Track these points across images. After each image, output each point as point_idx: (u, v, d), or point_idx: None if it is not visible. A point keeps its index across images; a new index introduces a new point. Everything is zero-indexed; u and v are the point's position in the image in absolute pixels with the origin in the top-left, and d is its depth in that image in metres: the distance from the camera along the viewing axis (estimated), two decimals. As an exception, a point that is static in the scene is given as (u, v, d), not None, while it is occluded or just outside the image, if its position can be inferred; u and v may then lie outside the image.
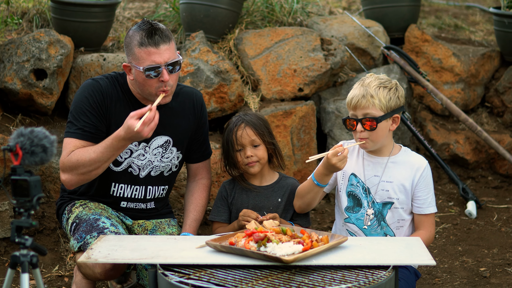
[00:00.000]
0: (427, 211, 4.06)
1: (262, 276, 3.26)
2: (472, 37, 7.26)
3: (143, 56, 3.99)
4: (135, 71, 4.04)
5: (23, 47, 5.43)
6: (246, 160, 4.29)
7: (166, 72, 4.00)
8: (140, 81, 4.04)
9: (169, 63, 4.01)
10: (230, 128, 4.34)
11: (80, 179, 4.07)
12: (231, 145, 4.30)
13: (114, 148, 3.95)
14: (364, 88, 3.96)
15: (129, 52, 4.05)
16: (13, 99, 5.53)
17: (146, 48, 3.97)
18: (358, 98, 3.95)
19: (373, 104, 3.94)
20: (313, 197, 4.12)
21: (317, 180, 4.01)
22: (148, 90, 4.06)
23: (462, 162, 6.44)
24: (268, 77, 5.94)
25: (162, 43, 3.99)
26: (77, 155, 4.00)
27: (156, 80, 4.02)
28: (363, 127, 3.95)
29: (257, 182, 4.39)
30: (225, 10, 6.00)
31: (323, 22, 6.54)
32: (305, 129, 5.83)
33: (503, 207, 6.01)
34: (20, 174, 2.95)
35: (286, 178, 4.44)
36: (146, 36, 3.97)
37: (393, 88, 3.99)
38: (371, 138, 3.98)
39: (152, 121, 3.83)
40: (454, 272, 5.06)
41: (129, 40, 4.05)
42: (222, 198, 4.41)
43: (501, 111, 6.64)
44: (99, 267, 3.89)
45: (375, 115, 3.94)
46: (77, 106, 4.12)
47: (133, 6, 7.08)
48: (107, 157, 3.98)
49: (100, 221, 4.08)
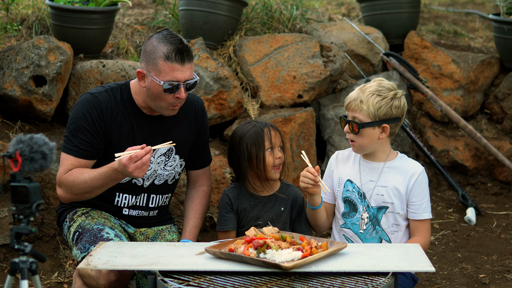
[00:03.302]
0: (422, 216, 4.07)
1: (261, 282, 3.26)
2: (472, 44, 7.27)
3: (166, 70, 3.96)
4: (151, 81, 4.00)
5: (22, 53, 5.43)
6: (276, 161, 4.27)
7: (184, 89, 4.01)
8: (156, 93, 4.01)
9: (188, 82, 4.01)
10: (256, 130, 4.28)
11: (74, 198, 4.12)
12: (262, 144, 4.26)
13: (108, 177, 3.95)
14: (359, 92, 4.01)
15: (150, 61, 3.99)
16: (12, 106, 5.53)
17: (171, 63, 3.95)
18: (350, 100, 4.02)
19: (361, 109, 3.98)
20: (315, 218, 4.19)
21: (309, 203, 4.12)
22: (160, 104, 4.06)
23: (461, 168, 6.44)
24: (268, 84, 5.95)
25: (187, 62, 3.98)
26: (73, 176, 4.03)
27: (172, 96, 4.01)
28: (349, 128, 4.02)
29: (260, 190, 4.37)
30: (225, 16, 6.01)
31: (323, 28, 6.54)
32: (305, 135, 5.83)
33: (503, 213, 6.01)
34: (20, 180, 2.95)
35: (288, 186, 4.43)
36: (175, 52, 3.94)
37: (387, 98, 3.98)
38: (357, 141, 4.04)
39: (140, 159, 3.76)
40: (454, 278, 5.06)
41: (153, 49, 3.99)
42: (226, 206, 4.36)
43: (501, 118, 6.65)
44: (104, 279, 3.88)
45: (361, 120, 3.98)
46: (74, 122, 4.11)
47: (132, 12, 7.08)
48: (100, 184, 3.99)
49: (104, 232, 4.07)
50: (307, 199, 4.11)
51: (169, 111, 4.09)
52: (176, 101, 4.04)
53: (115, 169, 3.88)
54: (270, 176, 4.30)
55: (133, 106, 4.19)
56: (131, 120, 4.16)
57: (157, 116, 4.22)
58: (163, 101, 4.04)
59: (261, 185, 4.35)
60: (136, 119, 4.18)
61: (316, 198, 4.06)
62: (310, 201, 4.09)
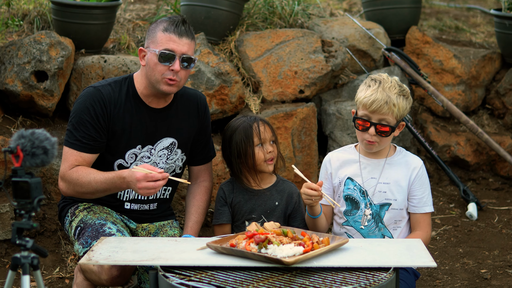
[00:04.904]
0: (423, 210, 4.06)
1: (263, 278, 3.26)
2: (473, 39, 7.26)
3: (162, 40, 4.05)
4: (149, 54, 4.08)
5: (24, 49, 5.43)
6: (268, 156, 4.27)
7: (179, 62, 4.05)
8: (151, 65, 4.07)
9: (184, 56, 4.05)
10: (245, 125, 4.29)
11: (75, 195, 4.15)
12: (251, 140, 4.28)
13: (113, 184, 3.99)
14: (385, 94, 3.89)
15: (150, 36, 4.11)
16: (14, 101, 5.53)
17: (169, 34, 4.05)
18: (381, 103, 3.88)
19: (392, 112, 3.90)
20: (316, 226, 4.09)
21: (309, 212, 4.05)
22: (155, 76, 4.08)
23: (463, 164, 6.44)
24: (269, 79, 5.94)
25: (186, 37, 4.08)
26: (78, 174, 4.05)
27: (167, 67, 4.05)
28: (376, 131, 3.93)
29: (255, 184, 4.38)
30: (226, 12, 6.01)
31: (324, 24, 6.54)
32: (306, 131, 5.83)
33: (504, 209, 6.01)
34: (21, 176, 2.95)
35: (284, 181, 4.43)
36: (174, 24, 4.07)
37: (409, 98, 3.98)
38: (381, 142, 3.97)
39: (153, 182, 3.81)
40: (455, 274, 5.06)
41: (155, 25, 4.13)
42: (220, 200, 4.39)
43: (502, 113, 6.64)
44: (106, 273, 3.88)
45: (390, 122, 3.92)
46: (76, 115, 4.13)
47: (134, 8, 7.07)
48: (104, 189, 4.03)
49: (106, 227, 4.07)
50: (307, 209, 4.06)
51: (165, 86, 4.09)
52: (170, 74, 4.06)
53: (123, 178, 3.91)
54: (263, 169, 4.31)
55: (137, 99, 4.20)
56: (134, 113, 4.17)
57: (160, 109, 4.22)
58: (157, 73, 4.06)
59: (255, 179, 4.36)
60: (139, 112, 4.18)
61: (316, 208, 4.00)
62: (310, 211, 4.02)
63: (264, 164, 4.29)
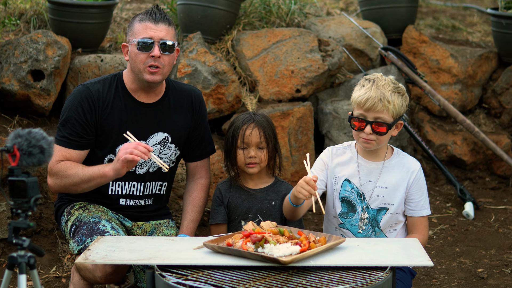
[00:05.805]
0: (420, 213, 4.05)
1: (259, 277, 3.26)
2: (470, 38, 7.27)
3: (139, 30, 4.11)
4: (130, 47, 4.15)
5: (20, 48, 5.43)
6: (248, 160, 4.28)
7: (158, 48, 4.09)
8: (133, 56, 4.13)
9: (162, 42, 4.10)
10: (238, 124, 4.32)
11: (62, 189, 4.19)
12: (235, 141, 4.30)
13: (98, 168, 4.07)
14: (379, 91, 3.87)
15: (129, 30, 4.19)
16: (10, 100, 5.53)
17: (145, 22, 4.11)
18: (375, 101, 3.86)
19: (387, 109, 3.87)
20: (295, 214, 4.01)
21: (292, 200, 3.89)
22: (138, 66, 4.13)
23: (459, 163, 6.44)
24: (266, 78, 5.94)
25: (162, 22, 4.13)
26: (66, 166, 4.11)
27: (147, 55, 4.10)
28: (373, 130, 3.90)
29: (252, 184, 4.39)
30: (223, 11, 6.00)
31: (321, 23, 6.54)
32: (303, 130, 5.83)
33: (501, 208, 6.02)
34: (18, 175, 2.95)
35: (281, 182, 4.44)
36: (148, 13, 4.14)
37: (404, 95, 3.94)
38: (377, 141, 3.94)
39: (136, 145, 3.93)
40: (452, 273, 5.07)
41: (132, 19, 4.21)
42: (216, 200, 4.40)
43: (499, 112, 6.65)
44: (100, 271, 3.89)
45: (386, 121, 3.89)
46: (65, 113, 4.20)
47: (130, 7, 7.07)
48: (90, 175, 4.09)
49: (101, 224, 4.08)
50: (290, 197, 3.90)
51: (148, 75, 4.12)
52: (151, 60, 4.10)
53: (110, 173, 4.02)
54: (245, 171, 4.35)
55: (126, 95, 4.23)
56: (125, 108, 4.21)
57: (151, 103, 4.24)
58: (139, 63, 4.12)
59: (248, 179, 4.37)
60: (129, 108, 4.21)
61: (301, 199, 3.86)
62: (295, 200, 3.87)
63: (246, 167, 4.31)
